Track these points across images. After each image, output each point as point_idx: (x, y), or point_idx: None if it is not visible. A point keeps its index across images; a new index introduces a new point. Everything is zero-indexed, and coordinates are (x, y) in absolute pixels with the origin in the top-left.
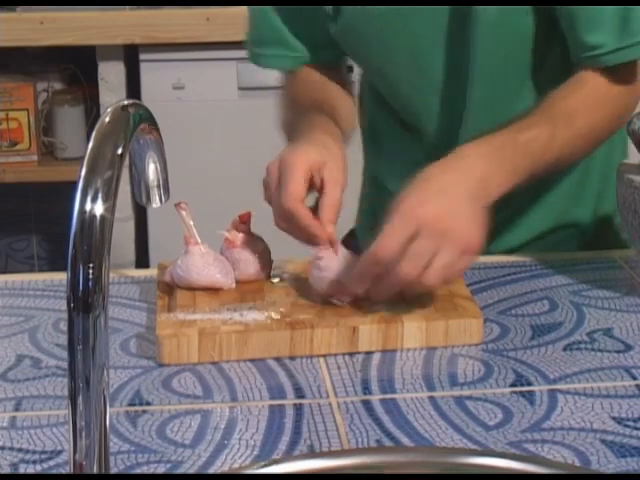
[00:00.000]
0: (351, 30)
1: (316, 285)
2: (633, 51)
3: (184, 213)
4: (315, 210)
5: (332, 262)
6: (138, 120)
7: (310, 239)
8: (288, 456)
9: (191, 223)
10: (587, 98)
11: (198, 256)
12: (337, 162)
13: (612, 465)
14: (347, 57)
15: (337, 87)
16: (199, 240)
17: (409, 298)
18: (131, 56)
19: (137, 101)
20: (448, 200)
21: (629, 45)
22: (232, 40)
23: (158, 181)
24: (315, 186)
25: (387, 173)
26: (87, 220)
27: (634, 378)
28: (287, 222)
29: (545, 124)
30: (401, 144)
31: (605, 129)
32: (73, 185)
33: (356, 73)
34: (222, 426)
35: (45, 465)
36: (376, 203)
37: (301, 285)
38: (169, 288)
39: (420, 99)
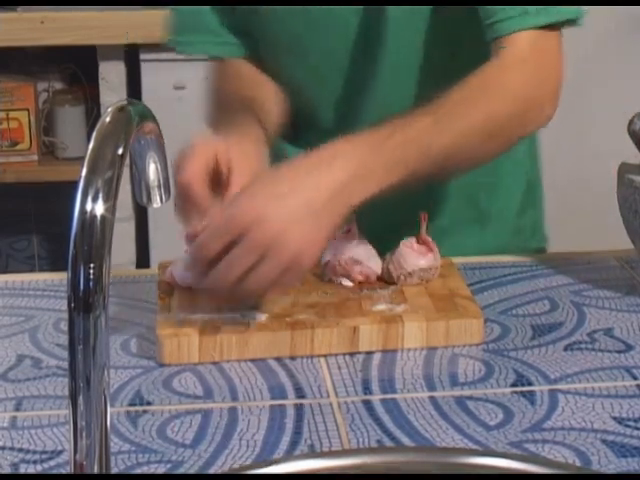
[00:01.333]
0: (265, 29)
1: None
2: (536, 15)
3: None
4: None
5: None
6: (139, 120)
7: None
8: (289, 456)
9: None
10: (478, 88)
11: None
12: (244, 154)
13: (613, 465)
14: None
15: (267, 80)
16: None
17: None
18: (132, 56)
19: (138, 101)
20: (287, 208)
21: (526, 12)
22: None
23: (159, 181)
24: (219, 175)
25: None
26: (88, 220)
27: (635, 378)
28: (182, 201)
29: (431, 121)
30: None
31: (504, 121)
32: (74, 185)
33: None
34: (222, 426)
35: (45, 465)
36: None
37: (301, 285)
38: (170, 288)
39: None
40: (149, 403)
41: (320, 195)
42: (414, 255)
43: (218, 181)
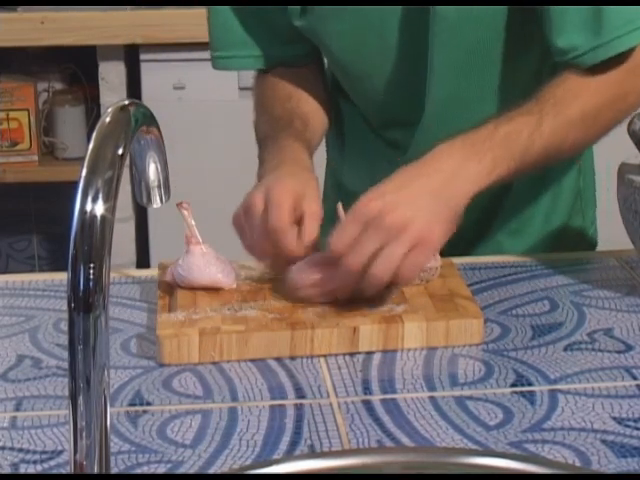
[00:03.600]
0: (319, 26)
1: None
2: (607, 49)
3: (186, 213)
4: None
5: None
6: (139, 120)
7: (290, 260)
8: (288, 456)
9: (192, 223)
10: (575, 86)
11: (199, 255)
12: (313, 195)
13: (613, 465)
14: (320, 51)
15: (309, 95)
16: (200, 240)
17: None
18: (132, 56)
19: (138, 101)
20: (404, 195)
21: (602, 44)
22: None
23: (159, 181)
24: (295, 218)
25: (350, 174)
26: (88, 220)
27: (634, 378)
28: (271, 243)
29: (529, 115)
30: (364, 144)
31: (602, 115)
32: (74, 185)
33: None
34: (222, 426)
35: (46, 465)
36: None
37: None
38: (170, 288)
39: (381, 96)
40: (149, 403)
41: (433, 190)
42: None
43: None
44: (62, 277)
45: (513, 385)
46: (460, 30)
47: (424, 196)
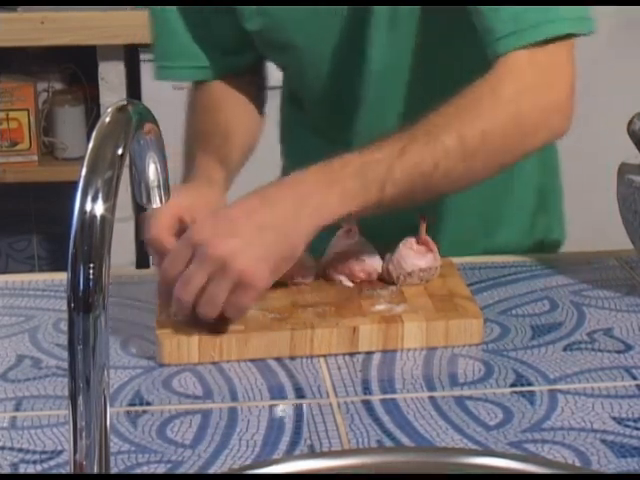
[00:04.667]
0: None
1: None
2: (527, 35)
3: None
4: None
5: None
6: (138, 120)
7: None
8: (288, 456)
9: None
10: (465, 108)
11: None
12: (207, 205)
13: (612, 465)
14: (263, 63)
15: (238, 108)
16: None
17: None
18: (131, 56)
19: (137, 101)
20: (237, 228)
21: (522, 29)
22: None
23: (158, 181)
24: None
25: None
26: (87, 220)
27: (634, 378)
28: (157, 254)
29: (393, 143)
30: (314, 149)
31: (488, 143)
32: (73, 185)
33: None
34: (222, 426)
35: (45, 465)
36: None
37: (300, 285)
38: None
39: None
40: (149, 403)
41: (273, 221)
42: (414, 255)
43: None
44: (62, 277)
45: (513, 385)
46: (402, 20)
47: (263, 230)
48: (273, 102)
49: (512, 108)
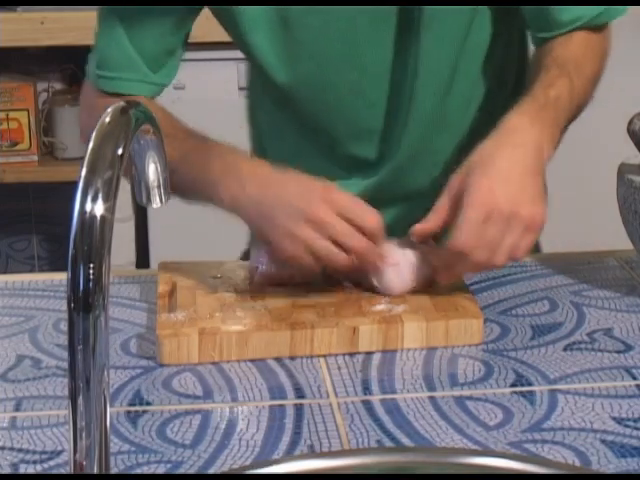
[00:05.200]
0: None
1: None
2: (610, 12)
3: None
4: None
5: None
6: (138, 120)
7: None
8: (288, 456)
9: None
10: (581, 47)
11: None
12: (329, 185)
13: (612, 465)
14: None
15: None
16: None
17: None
18: None
19: (137, 101)
20: (513, 182)
21: (602, 12)
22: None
23: (158, 181)
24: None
25: None
26: (87, 220)
27: (634, 378)
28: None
29: (563, 76)
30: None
31: (600, 73)
32: (73, 185)
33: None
34: (222, 426)
35: (45, 465)
36: None
37: (300, 285)
38: (169, 288)
39: (347, 107)
40: (149, 403)
41: (530, 164)
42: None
43: None
44: (62, 277)
45: (513, 385)
46: (445, 41)
47: (526, 178)
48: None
49: (605, 57)
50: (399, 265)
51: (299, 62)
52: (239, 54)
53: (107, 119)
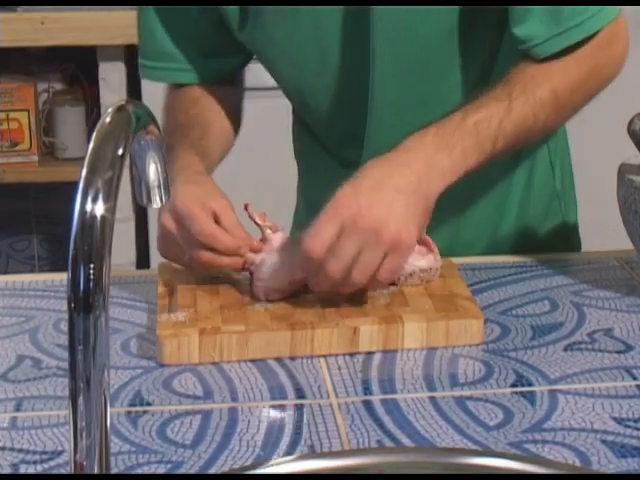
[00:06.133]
0: (259, 39)
1: (261, 287)
2: (566, 37)
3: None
4: None
5: (269, 262)
6: (139, 120)
7: (235, 254)
8: (289, 457)
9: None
10: (544, 67)
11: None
12: (214, 191)
13: (613, 465)
14: (243, 72)
15: (216, 103)
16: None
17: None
18: (131, 56)
19: (138, 101)
20: (380, 195)
21: (561, 32)
22: None
23: (159, 181)
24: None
25: (310, 194)
26: (88, 220)
27: (634, 378)
28: (209, 250)
29: (498, 101)
30: (319, 165)
31: (574, 93)
32: (74, 185)
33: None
34: (223, 426)
35: (46, 465)
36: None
37: (301, 286)
38: (169, 288)
39: (324, 112)
40: (149, 403)
41: (409, 184)
42: (414, 256)
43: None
44: (62, 277)
45: (513, 385)
46: (402, 41)
47: (399, 196)
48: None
49: (592, 63)
50: (274, 255)
51: (279, 64)
52: None
53: (107, 119)
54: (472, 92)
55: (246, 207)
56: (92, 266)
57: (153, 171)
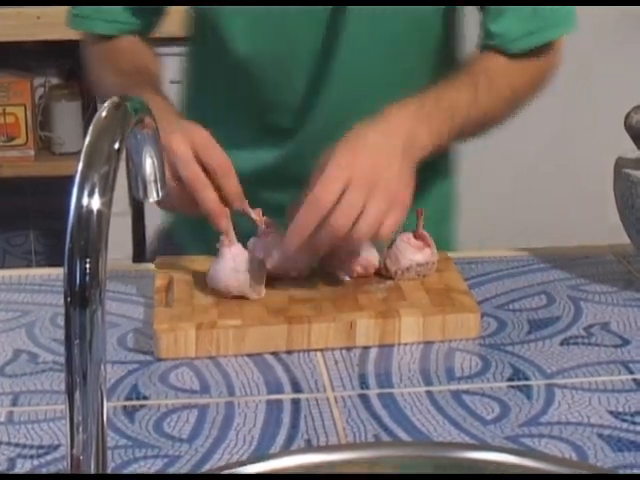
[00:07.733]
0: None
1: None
2: (538, 37)
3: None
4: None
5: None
6: (135, 115)
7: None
8: (285, 451)
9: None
10: (504, 64)
11: (230, 259)
12: (213, 144)
13: (609, 459)
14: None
15: (148, 50)
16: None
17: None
18: None
19: (134, 96)
20: (382, 154)
21: (534, 31)
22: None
23: (155, 175)
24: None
25: None
26: (84, 215)
27: (631, 372)
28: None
29: (466, 86)
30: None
31: (527, 93)
32: (70, 180)
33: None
34: (219, 421)
35: (42, 460)
36: None
37: (298, 279)
38: (166, 282)
39: (269, 79)
40: (146, 398)
41: (399, 149)
42: (411, 250)
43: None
44: (59, 272)
45: (510, 379)
46: (373, 23)
47: (396, 157)
48: None
49: (545, 67)
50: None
51: (234, 24)
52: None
53: (104, 114)
54: (429, 76)
55: (242, 205)
56: (88, 260)
57: (149, 165)
